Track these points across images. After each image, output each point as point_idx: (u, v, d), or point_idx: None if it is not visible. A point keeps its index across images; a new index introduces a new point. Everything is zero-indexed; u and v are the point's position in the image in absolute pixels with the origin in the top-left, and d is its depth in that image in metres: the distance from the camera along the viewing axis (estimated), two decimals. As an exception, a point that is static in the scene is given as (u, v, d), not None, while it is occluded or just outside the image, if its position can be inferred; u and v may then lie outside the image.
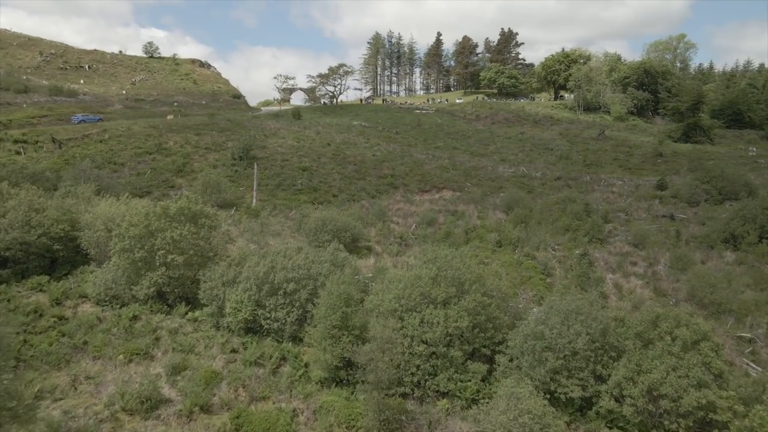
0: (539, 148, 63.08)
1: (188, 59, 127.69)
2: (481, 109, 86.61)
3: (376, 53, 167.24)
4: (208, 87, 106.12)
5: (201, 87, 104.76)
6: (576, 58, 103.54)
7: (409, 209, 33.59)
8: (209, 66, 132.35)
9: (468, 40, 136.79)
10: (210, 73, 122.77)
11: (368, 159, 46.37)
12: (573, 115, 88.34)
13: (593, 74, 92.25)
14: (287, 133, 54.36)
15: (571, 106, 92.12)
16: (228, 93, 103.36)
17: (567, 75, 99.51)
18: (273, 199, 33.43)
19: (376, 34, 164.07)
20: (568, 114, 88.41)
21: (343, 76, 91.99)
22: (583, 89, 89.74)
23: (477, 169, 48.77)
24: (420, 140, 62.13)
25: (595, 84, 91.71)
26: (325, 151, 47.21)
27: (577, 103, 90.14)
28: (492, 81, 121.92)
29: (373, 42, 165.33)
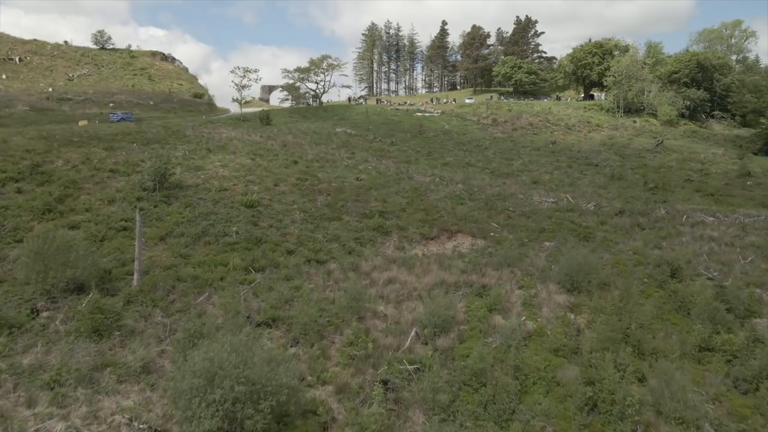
0: (580, 164, 51.96)
1: (147, 51, 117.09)
2: (498, 112, 75.67)
3: (372, 46, 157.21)
4: (166, 84, 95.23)
5: (156, 84, 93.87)
6: (610, 49, 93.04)
7: (406, 281, 22.12)
8: (173, 60, 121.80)
9: (478, 30, 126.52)
10: (172, 68, 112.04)
11: (349, 185, 34.99)
12: (612, 118, 77.44)
13: (634, 69, 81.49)
14: (241, 146, 43.12)
15: (608, 108, 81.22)
16: (189, 92, 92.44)
17: (601, 69, 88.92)
18: (182, 265, 21.99)
19: (371, 25, 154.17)
20: (606, 117, 77.50)
21: (327, 70, 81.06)
22: (623, 87, 78.93)
23: (503, 198, 37.42)
24: (422, 154, 50.92)
25: (636, 80, 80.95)
26: (287, 175, 35.85)
27: (616, 103, 79.25)
28: (507, 77, 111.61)
29: (368, 33, 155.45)
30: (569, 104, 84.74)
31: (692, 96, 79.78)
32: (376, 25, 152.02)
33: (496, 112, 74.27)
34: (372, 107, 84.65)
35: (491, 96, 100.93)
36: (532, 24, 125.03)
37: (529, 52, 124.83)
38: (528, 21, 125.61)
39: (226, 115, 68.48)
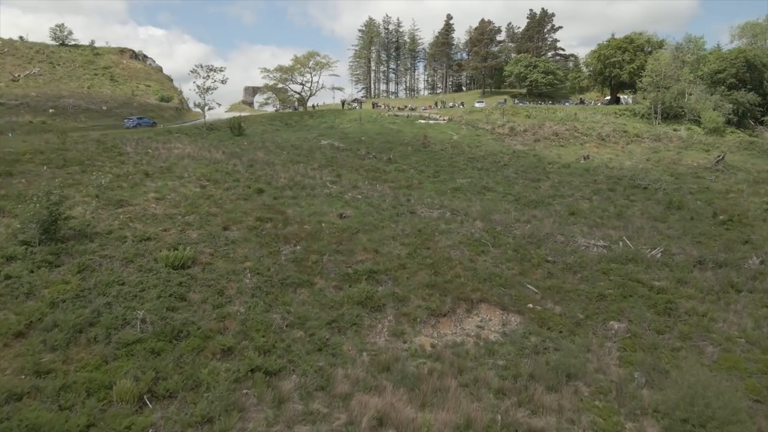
0: (624, 186, 44.09)
1: (115, 48, 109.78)
2: (516, 119, 67.89)
3: (369, 43, 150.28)
4: (130, 86, 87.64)
5: (118, 86, 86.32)
6: (642, 45, 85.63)
7: (407, 421, 14.03)
8: (144, 58, 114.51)
9: (487, 25, 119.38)
10: (141, 68, 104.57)
11: (328, 227, 26.94)
12: (649, 126, 69.71)
13: (672, 68, 73.96)
14: (193, 168, 35.28)
15: (643, 113, 73.53)
16: (156, 94, 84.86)
17: (633, 68, 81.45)
18: (32, 393, 13.96)
19: (369, 20, 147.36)
20: (642, 125, 69.77)
21: (314, 70, 73.38)
22: (662, 89, 71.34)
23: (537, 241, 29.40)
24: (427, 174, 42.98)
25: (675, 81, 73.39)
26: (245, 211, 27.84)
27: (653, 108, 71.57)
28: (521, 78, 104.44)
29: (365, 29, 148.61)
30: (597, 109, 77.01)
31: (741, 99, 72.20)
32: (374, 20, 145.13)
33: (513, 119, 66.43)
34: (367, 112, 76.95)
35: (504, 99, 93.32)
36: (548, 17, 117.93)
37: (545, 48, 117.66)
38: (544, 14, 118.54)
39: (190, 123, 60.60)
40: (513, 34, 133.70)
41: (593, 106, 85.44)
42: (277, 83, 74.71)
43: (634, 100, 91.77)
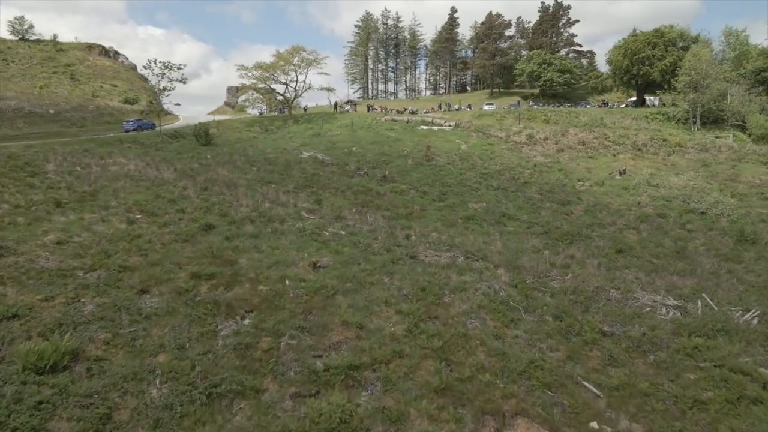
0: (678, 211, 37.16)
1: (82, 44, 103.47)
2: (533, 124, 61.12)
3: (367, 40, 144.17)
4: (92, 86, 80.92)
5: (79, 86, 79.60)
6: (674, 39, 79.11)
7: None
8: (116, 55, 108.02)
9: (496, 18, 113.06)
10: (109, 65, 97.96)
11: (294, 287, 19.91)
12: (686, 132, 62.96)
13: (712, 65, 67.35)
14: (129, 192, 28.38)
15: (679, 117, 66.81)
16: (120, 95, 78.13)
17: (665, 65, 74.88)
18: None
19: (366, 14, 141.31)
20: (678, 130, 63.02)
21: (299, 67, 66.58)
22: (701, 89, 64.68)
23: (584, 300, 22.41)
24: (431, 198, 36.04)
25: (714, 80, 66.78)
26: (178, 262, 20.78)
27: (692, 112, 64.84)
28: (534, 76, 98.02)
29: (362, 24, 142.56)
30: (624, 112, 70.20)
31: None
32: (371, 14, 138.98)
33: (531, 125, 59.57)
34: (361, 116, 70.10)
35: (518, 101, 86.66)
36: (563, 10, 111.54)
37: (560, 44, 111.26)
38: (558, 6, 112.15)
39: (158, 129, 53.61)
40: (523, 29, 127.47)
41: (618, 108, 78.76)
42: (257, 83, 67.82)
43: (661, 102, 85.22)
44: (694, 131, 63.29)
